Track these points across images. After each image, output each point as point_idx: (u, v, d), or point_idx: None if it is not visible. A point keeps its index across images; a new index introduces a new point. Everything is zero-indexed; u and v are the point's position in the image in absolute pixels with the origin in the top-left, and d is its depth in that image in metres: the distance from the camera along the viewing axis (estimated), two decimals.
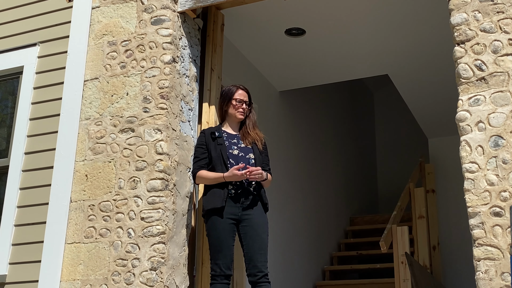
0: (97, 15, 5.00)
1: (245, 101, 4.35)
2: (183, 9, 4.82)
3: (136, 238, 4.27)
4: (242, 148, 4.26)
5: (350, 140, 9.72)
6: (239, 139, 4.32)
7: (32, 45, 5.16)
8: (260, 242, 4.08)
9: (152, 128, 4.48)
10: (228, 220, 4.09)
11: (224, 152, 4.20)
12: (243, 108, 4.33)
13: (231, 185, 4.14)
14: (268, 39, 6.06)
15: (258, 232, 4.10)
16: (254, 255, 4.05)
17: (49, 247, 4.50)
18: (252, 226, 4.11)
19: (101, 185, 4.51)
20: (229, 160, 4.19)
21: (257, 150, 4.27)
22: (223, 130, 4.36)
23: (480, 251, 3.39)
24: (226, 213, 4.09)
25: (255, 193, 4.18)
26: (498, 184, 3.44)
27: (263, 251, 4.08)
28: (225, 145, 4.24)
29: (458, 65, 3.74)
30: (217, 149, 4.23)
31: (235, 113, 4.34)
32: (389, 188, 10.22)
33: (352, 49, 6.26)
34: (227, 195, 4.11)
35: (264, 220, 4.18)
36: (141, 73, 4.66)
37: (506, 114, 3.53)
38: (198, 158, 4.29)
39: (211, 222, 4.13)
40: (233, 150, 4.24)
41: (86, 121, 4.73)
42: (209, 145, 4.27)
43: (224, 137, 4.30)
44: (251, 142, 4.28)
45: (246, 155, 4.24)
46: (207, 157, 4.26)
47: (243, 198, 4.14)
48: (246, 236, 4.11)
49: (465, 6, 3.81)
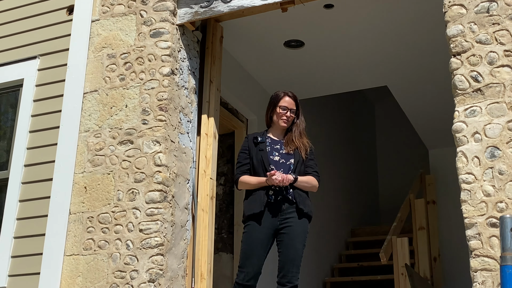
0: (97, 28, 5.03)
1: (290, 109, 4.24)
2: (182, 21, 4.86)
3: (135, 250, 4.28)
4: (283, 154, 4.18)
5: (351, 151, 9.73)
6: (282, 145, 4.23)
7: (32, 58, 5.20)
8: (294, 252, 4.00)
9: (151, 140, 4.50)
10: (264, 231, 4.02)
11: (265, 158, 4.13)
12: (287, 116, 4.23)
13: (272, 191, 4.06)
14: (267, 51, 6.09)
15: (294, 242, 4.02)
16: (286, 264, 3.99)
17: (48, 259, 4.51)
18: (289, 235, 4.02)
19: (100, 197, 4.52)
20: (270, 166, 4.11)
21: (299, 156, 4.16)
22: (267, 136, 4.28)
23: (477, 262, 3.39)
24: (264, 222, 4.02)
25: (295, 201, 4.06)
26: (495, 195, 3.45)
27: (296, 262, 4.00)
28: (266, 150, 4.16)
29: (454, 77, 3.76)
30: (258, 155, 4.16)
31: (278, 121, 4.25)
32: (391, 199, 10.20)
33: (351, 61, 6.28)
34: (267, 200, 4.04)
35: (303, 229, 4.08)
36: (140, 85, 4.69)
37: (502, 125, 3.54)
38: (241, 164, 4.23)
39: (247, 228, 4.06)
40: (274, 156, 4.17)
41: (85, 133, 4.75)
42: (251, 151, 4.21)
43: (268, 142, 4.22)
44: (294, 148, 4.18)
45: (286, 162, 4.15)
46: (249, 163, 4.20)
47: (283, 206, 4.05)
48: (282, 244, 4.04)
49: (461, 18, 3.84)
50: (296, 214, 4.06)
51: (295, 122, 4.29)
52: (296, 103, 4.29)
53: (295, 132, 4.25)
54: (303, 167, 4.17)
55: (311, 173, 4.18)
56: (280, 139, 4.27)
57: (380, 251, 5.87)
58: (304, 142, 4.23)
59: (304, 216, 4.09)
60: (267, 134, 4.30)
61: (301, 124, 4.30)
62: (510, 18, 3.69)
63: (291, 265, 3.98)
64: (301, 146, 4.20)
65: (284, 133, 4.29)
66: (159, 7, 4.83)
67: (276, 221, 4.04)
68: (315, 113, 8.31)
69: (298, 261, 4.01)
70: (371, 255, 8.38)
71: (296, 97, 4.31)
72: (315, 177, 4.19)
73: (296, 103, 4.29)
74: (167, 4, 4.82)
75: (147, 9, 4.87)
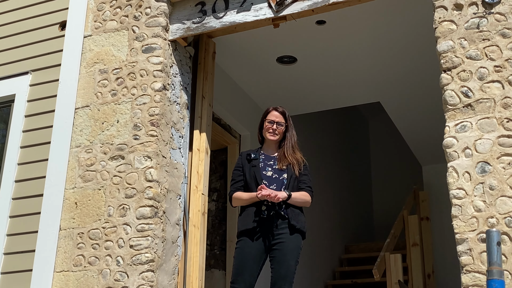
0: (89, 43, 5.04)
1: (277, 122, 4.26)
2: (174, 37, 4.86)
3: (125, 266, 4.24)
4: (276, 169, 4.19)
5: (345, 167, 9.72)
6: (276, 161, 4.24)
7: (24, 73, 5.20)
8: (287, 269, 3.98)
9: (142, 155, 4.49)
10: (257, 246, 4.02)
11: (258, 173, 4.14)
12: (273, 128, 4.25)
13: (264, 206, 4.06)
14: (259, 66, 6.10)
15: (287, 258, 4.00)
16: (278, 281, 3.97)
17: (38, 275, 4.47)
18: (281, 251, 4.01)
19: (90, 212, 4.50)
20: (263, 181, 4.12)
21: (292, 172, 4.17)
22: (261, 152, 4.30)
23: (468, 278, 3.37)
24: (257, 238, 4.02)
25: (287, 217, 4.06)
26: (485, 210, 3.44)
27: (289, 278, 3.98)
28: (259, 166, 4.18)
29: (445, 92, 3.77)
30: (251, 171, 4.18)
31: (265, 133, 4.29)
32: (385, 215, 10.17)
33: (344, 77, 6.30)
34: (260, 215, 4.03)
35: (296, 245, 4.06)
36: (131, 100, 4.68)
37: (492, 141, 3.54)
38: (235, 181, 4.25)
39: (240, 244, 4.07)
40: (267, 172, 4.18)
41: (76, 148, 4.73)
42: (245, 168, 4.23)
43: (261, 158, 4.24)
44: (287, 164, 4.19)
45: (279, 177, 4.16)
46: (242, 180, 4.21)
47: (275, 222, 4.05)
48: (275, 260, 4.02)
49: (451, 34, 3.85)
50: (288, 230, 4.05)
51: (286, 137, 4.28)
52: (285, 117, 4.30)
53: (286, 146, 4.25)
54: (297, 182, 4.17)
55: (304, 189, 4.18)
56: (273, 155, 4.27)
57: (373, 268, 5.84)
58: (297, 157, 4.24)
59: (296, 232, 4.07)
60: (260, 150, 4.31)
61: (292, 138, 4.30)
62: (500, 34, 3.71)
63: (283, 281, 3.96)
64: (294, 161, 4.20)
65: (277, 148, 4.30)
66: (151, 23, 4.83)
67: (269, 236, 4.03)
68: (309, 129, 8.31)
69: (290, 277, 3.99)
70: (365, 271, 8.33)
71: (286, 112, 4.33)
72: (308, 192, 4.18)
73: (285, 117, 4.30)
74: (159, 19, 4.83)
75: (139, 24, 4.88)
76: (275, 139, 4.27)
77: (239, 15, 4.70)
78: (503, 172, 3.46)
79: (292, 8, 4.53)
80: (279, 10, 4.56)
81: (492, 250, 2.38)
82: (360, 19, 5.27)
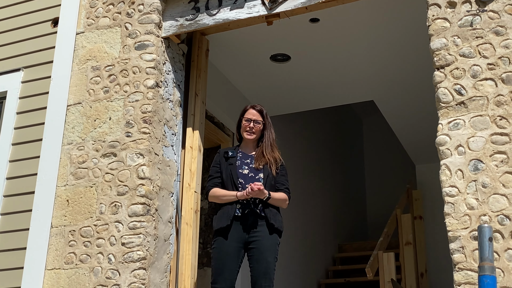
0: (81, 40, 5.01)
1: (254, 120, 4.28)
2: (167, 34, 4.84)
3: (117, 264, 4.22)
4: (252, 168, 4.21)
5: (338, 166, 9.71)
6: (253, 159, 4.25)
7: (16, 70, 5.16)
8: (266, 266, 4.01)
9: (134, 153, 4.46)
10: (233, 244, 4.04)
11: (234, 172, 4.17)
12: (250, 127, 4.27)
13: (239, 205, 4.09)
14: (253, 64, 6.09)
15: (265, 255, 4.02)
16: (259, 279, 3.99)
17: (29, 273, 4.44)
18: (259, 249, 4.03)
19: (82, 210, 4.47)
20: (239, 179, 4.15)
21: (268, 171, 4.18)
22: (239, 150, 4.32)
23: (460, 276, 3.36)
24: (232, 236, 4.04)
25: (263, 215, 4.09)
26: (478, 208, 3.43)
27: (269, 275, 4.00)
28: (235, 165, 4.20)
29: (438, 90, 3.76)
30: (227, 169, 4.21)
31: (242, 132, 4.32)
32: (378, 214, 10.17)
33: (337, 75, 6.28)
34: (234, 214, 4.06)
35: (274, 242, 4.08)
36: (124, 97, 4.66)
37: (485, 138, 3.54)
38: (212, 177, 4.27)
39: (216, 244, 4.09)
40: (243, 170, 4.20)
41: (68, 146, 4.71)
42: (222, 165, 4.25)
43: (239, 156, 4.27)
44: (263, 164, 4.20)
45: (255, 176, 4.18)
46: (220, 177, 4.24)
47: (251, 220, 4.07)
48: (253, 259, 4.04)
49: (445, 32, 3.84)
50: (266, 229, 4.09)
51: (263, 135, 4.30)
52: (262, 115, 4.31)
53: (266, 144, 4.26)
54: (273, 182, 4.20)
55: (282, 190, 4.22)
56: (251, 154, 4.30)
57: (366, 266, 5.84)
58: (275, 156, 4.25)
59: (274, 231, 4.11)
60: (238, 149, 4.34)
61: (270, 136, 4.31)
62: (494, 32, 3.70)
63: (264, 278, 3.99)
64: (272, 160, 4.22)
65: (255, 147, 4.33)
66: (144, 20, 4.81)
67: (244, 235, 4.07)
68: (302, 127, 8.31)
69: (270, 274, 4.02)
70: (358, 270, 8.34)
71: (263, 110, 4.34)
72: (286, 193, 4.22)
73: (262, 115, 4.31)
74: (152, 16, 4.81)
75: (132, 21, 4.85)
76: (251, 138, 4.30)
77: (233, 12, 4.68)
78: (496, 169, 3.46)
79: (285, 6, 4.51)
80: (272, 7, 4.55)
81: (484, 246, 2.37)
82: (354, 17, 5.26)
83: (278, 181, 4.22)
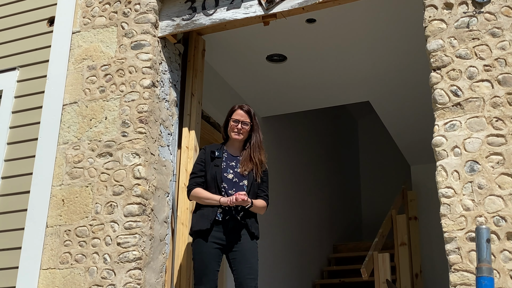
0: (78, 39, 5.00)
1: (242, 121, 4.25)
2: (163, 34, 4.84)
3: (112, 264, 4.21)
4: (237, 173, 4.19)
5: (333, 167, 9.72)
6: (238, 163, 4.22)
7: (12, 69, 5.15)
8: (250, 267, 4.02)
9: (130, 153, 4.45)
10: (213, 245, 4.04)
11: (219, 175, 4.14)
12: (238, 128, 4.23)
13: (220, 209, 4.08)
14: (249, 65, 6.09)
15: (247, 257, 4.04)
16: (244, 280, 3.99)
17: (24, 273, 4.43)
18: (241, 251, 4.05)
19: (77, 210, 4.46)
20: (223, 183, 4.13)
21: (252, 177, 4.18)
22: (225, 150, 4.28)
23: (456, 277, 3.37)
24: (212, 237, 4.04)
25: (243, 222, 4.10)
26: (474, 209, 3.44)
27: (253, 276, 4.02)
28: (221, 167, 4.17)
29: (434, 91, 3.76)
30: (212, 170, 4.17)
31: (230, 133, 4.28)
32: (373, 215, 10.19)
33: (333, 76, 6.29)
34: (215, 218, 4.06)
35: (253, 245, 4.11)
36: (120, 97, 4.65)
37: (481, 140, 3.55)
38: (196, 175, 4.22)
39: (196, 245, 4.08)
40: (228, 174, 4.17)
41: (64, 145, 4.70)
42: (207, 165, 4.21)
43: (224, 157, 4.23)
44: (249, 170, 4.19)
45: (240, 182, 4.16)
46: (204, 175, 4.19)
47: (231, 225, 4.08)
48: (236, 262, 4.05)
49: (441, 33, 3.85)
50: (246, 235, 4.11)
51: (251, 137, 4.28)
52: (250, 116, 4.29)
53: (253, 146, 4.25)
54: (256, 188, 4.21)
55: (262, 197, 4.24)
56: (236, 155, 4.27)
57: (362, 267, 5.85)
58: (261, 158, 4.25)
59: (254, 238, 4.15)
60: (224, 148, 4.30)
61: (258, 137, 4.30)
62: (490, 33, 3.71)
63: (249, 279, 4.01)
64: (258, 163, 4.21)
65: (241, 147, 4.30)
66: (141, 19, 4.80)
67: (224, 238, 4.07)
68: (298, 128, 8.31)
69: (255, 275, 4.05)
70: (353, 271, 8.35)
71: (251, 110, 4.32)
72: (265, 201, 4.24)
73: (250, 116, 4.29)
74: (148, 16, 4.80)
75: (128, 21, 4.84)
76: (239, 138, 4.27)
77: (229, 13, 4.68)
78: (492, 171, 3.47)
79: (282, 6, 4.51)
80: (269, 7, 4.55)
81: (482, 247, 2.37)
82: (350, 18, 5.26)
83: (260, 188, 4.24)
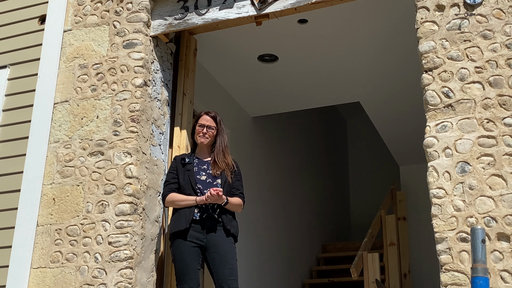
0: (69, 38, 4.98)
1: (207, 126, 4.36)
2: (155, 33, 4.83)
3: (103, 263, 4.21)
4: (210, 174, 4.29)
5: (322, 167, 9.75)
6: (209, 166, 4.33)
7: (2, 67, 5.12)
8: (231, 268, 4.07)
9: (122, 152, 4.45)
10: (192, 244, 4.09)
11: (192, 178, 4.23)
12: (203, 132, 4.35)
13: (197, 209, 4.14)
14: (241, 64, 6.10)
15: (227, 258, 4.09)
16: (225, 282, 4.03)
17: (14, 272, 4.41)
18: (219, 253, 4.09)
19: (68, 209, 4.45)
20: (197, 185, 4.22)
21: (225, 178, 4.28)
22: (195, 156, 4.39)
23: (447, 277, 3.39)
24: (190, 236, 4.10)
25: (220, 220, 4.16)
26: (465, 209, 3.47)
27: (235, 278, 4.06)
28: (193, 171, 4.27)
29: (426, 92, 3.79)
30: (185, 175, 4.27)
31: (196, 137, 4.39)
32: (362, 215, 10.23)
33: (324, 76, 6.31)
34: (192, 217, 4.11)
35: (231, 246, 4.16)
36: (112, 96, 4.64)
37: (472, 141, 3.58)
38: (169, 182, 4.32)
39: (176, 245, 4.13)
40: (201, 176, 4.28)
41: (55, 144, 4.68)
42: (179, 171, 4.31)
43: (195, 163, 4.33)
44: (220, 171, 4.28)
45: (213, 182, 4.26)
46: (177, 182, 4.29)
47: (208, 224, 4.13)
48: (215, 263, 4.09)
49: (433, 35, 3.88)
50: (223, 233, 4.15)
51: (216, 140, 4.38)
52: (216, 121, 4.40)
53: (218, 150, 4.34)
54: (230, 187, 4.27)
55: (237, 195, 4.29)
56: (206, 160, 4.38)
57: (351, 267, 5.87)
58: (227, 162, 4.33)
59: (230, 235, 4.18)
60: (194, 155, 4.40)
61: (223, 142, 4.39)
62: (481, 35, 3.74)
63: (230, 281, 4.04)
64: (225, 167, 4.30)
65: (209, 152, 4.40)
66: (133, 18, 4.80)
67: (202, 237, 4.12)
68: (287, 128, 8.32)
69: (235, 276, 4.09)
70: (342, 270, 8.38)
71: (217, 116, 4.43)
72: (241, 199, 4.30)
73: (216, 121, 4.40)
74: (140, 15, 4.79)
75: (120, 20, 4.84)
76: (205, 142, 4.36)
77: (222, 12, 4.68)
78: (483, 172, 3.50)
79: (275, 6, 4.52)
80: (262, 8, 4.56)
81: (477, 248, 2.39)
82: (341, 19, 5.28)
83: (233, 186, 4.30)
